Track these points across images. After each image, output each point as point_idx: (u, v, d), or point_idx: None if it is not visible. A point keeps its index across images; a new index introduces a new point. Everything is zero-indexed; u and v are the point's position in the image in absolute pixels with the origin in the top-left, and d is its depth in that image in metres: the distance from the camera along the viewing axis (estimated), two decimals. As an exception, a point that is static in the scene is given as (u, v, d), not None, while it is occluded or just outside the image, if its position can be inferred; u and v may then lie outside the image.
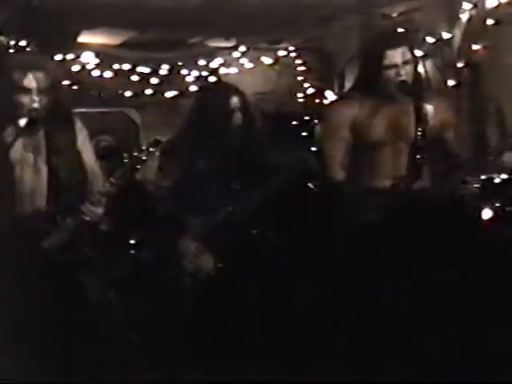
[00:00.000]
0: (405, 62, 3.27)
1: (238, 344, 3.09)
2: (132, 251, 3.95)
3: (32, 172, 3.20)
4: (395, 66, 3.26)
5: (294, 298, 3.10)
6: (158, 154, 3.29)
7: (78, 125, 3.32)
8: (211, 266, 3.38)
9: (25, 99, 3.14)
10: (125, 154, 3.22)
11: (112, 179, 3.16)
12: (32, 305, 2.90)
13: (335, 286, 3.03)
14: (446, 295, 2.95)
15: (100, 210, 3.28)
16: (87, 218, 3.22)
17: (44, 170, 3.20)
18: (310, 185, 3.45)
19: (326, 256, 3.13)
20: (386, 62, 3.26)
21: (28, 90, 3.13)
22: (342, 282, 3.02)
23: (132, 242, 3.89)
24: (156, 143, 3.22)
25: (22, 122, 3.16)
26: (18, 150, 3.18)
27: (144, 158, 3.14)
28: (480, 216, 3.34)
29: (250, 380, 2.85)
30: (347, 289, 3.00)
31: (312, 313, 3.04)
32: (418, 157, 3.21)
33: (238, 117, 3.48)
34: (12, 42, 5.39)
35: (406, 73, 3.26)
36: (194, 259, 3.40)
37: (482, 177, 3.46)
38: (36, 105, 3.12)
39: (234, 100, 3.50)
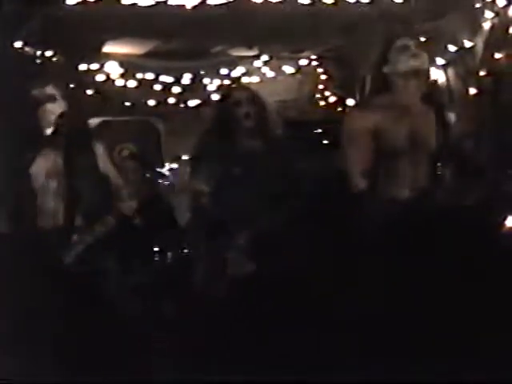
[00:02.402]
0: (426, 71, 3.28)
1: (241, 344, 3.10)
2: (155, 259, 3.98)
3: (55, 184, 3.25)
4: (416, 74, 3.27)
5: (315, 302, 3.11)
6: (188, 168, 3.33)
7: (97, 135, 3.38)
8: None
9: (50, 109, 3.19)
10: (146, 171, 3.28)
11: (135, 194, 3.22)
12: (33, 305, 2.93)
13: (354, 294, 3.04)
14: (468, 304, 2.94)
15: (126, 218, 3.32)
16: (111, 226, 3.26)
17: (67, 180, 3.25)
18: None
19: (346, 263, 3.13)
20: (408, 70, 3.27)
21: (52, 100, 3.18)
22: (360, 288, 3.03)
23: (156, 249, 3.93)
24: (176, 159, 3.29)
25: (48, 131, 3.21)
26: (42, 160, 3.23)
27: (166, 173, 3.20)
28: (503, 226, 3.33)
29: (252, 380, 2.85)
30: (366, 297, 3.01)
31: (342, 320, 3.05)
32: (438, 165, 3.22)
33: (253, 121, 3.52)
34: (38, 53, 5.46)
35: (427, 82, 3.27)
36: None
37: (505, 186, 3.46)
38: (59, 115, 3.17)
39: (250, 105, 3.54)
